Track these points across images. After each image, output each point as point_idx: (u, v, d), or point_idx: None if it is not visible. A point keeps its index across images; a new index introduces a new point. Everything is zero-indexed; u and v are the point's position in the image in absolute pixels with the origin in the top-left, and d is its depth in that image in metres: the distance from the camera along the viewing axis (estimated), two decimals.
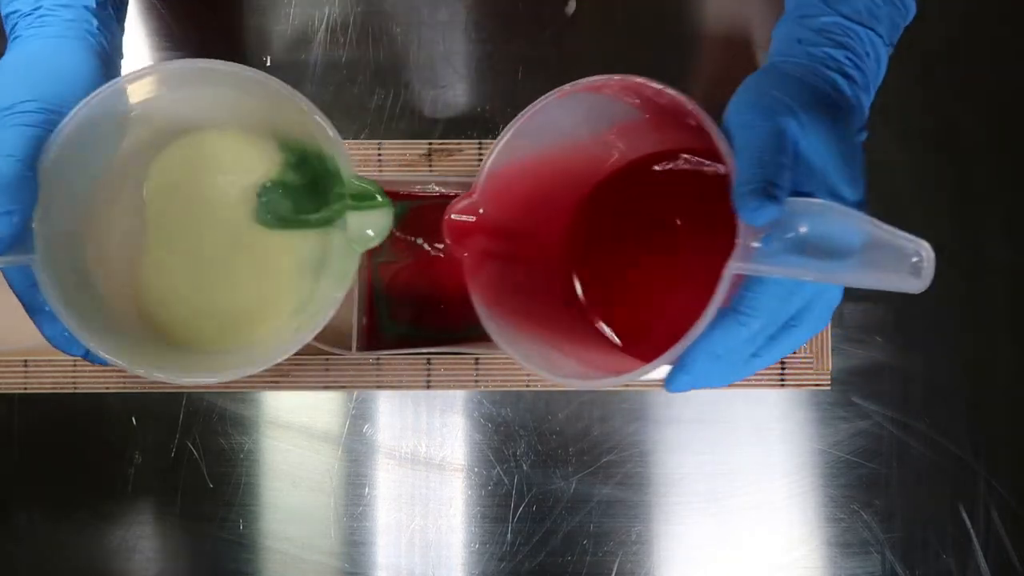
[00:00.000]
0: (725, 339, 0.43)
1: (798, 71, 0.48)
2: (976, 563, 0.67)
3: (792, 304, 0.44)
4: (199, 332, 0.55)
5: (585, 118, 0.53)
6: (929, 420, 0.67)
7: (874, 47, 0.50)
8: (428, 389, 0.64)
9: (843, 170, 0.44)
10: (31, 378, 0.63)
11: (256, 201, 0.56)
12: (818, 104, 0.46)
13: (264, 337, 0.55)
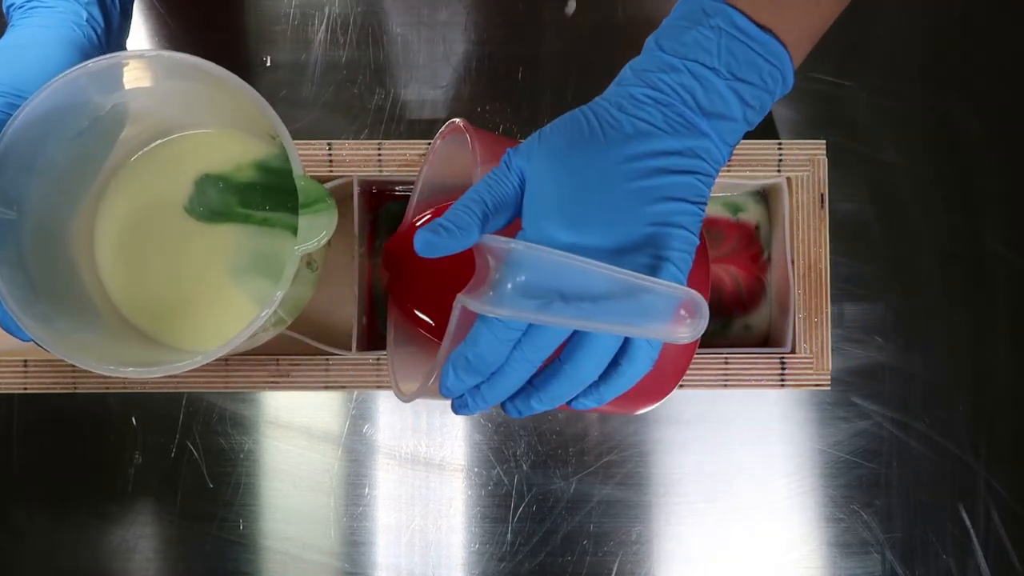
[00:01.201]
0: (456, 370, 0.43)
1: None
2: (976, 563, 0.67)
3: (535, 344, 0.43)
4: (161, 327, 0.57)
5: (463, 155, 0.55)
6: (929, 420, 0.67)
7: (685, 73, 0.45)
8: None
9: (562, 208, 0.42)
10: (31, 378, 0.63)
11: (192, 192, 0.57)
12: (570, 131, 0.44)
13: (220, 335, 0.55)
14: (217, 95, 0.53)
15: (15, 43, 0.52)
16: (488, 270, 0.43)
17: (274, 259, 0.57)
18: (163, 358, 0.53)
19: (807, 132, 0.66)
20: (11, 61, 0.51)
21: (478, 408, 0.45)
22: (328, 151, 0.63)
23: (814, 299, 0.62)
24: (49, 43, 0.52)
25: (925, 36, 0.69)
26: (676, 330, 0.40)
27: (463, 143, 0.51)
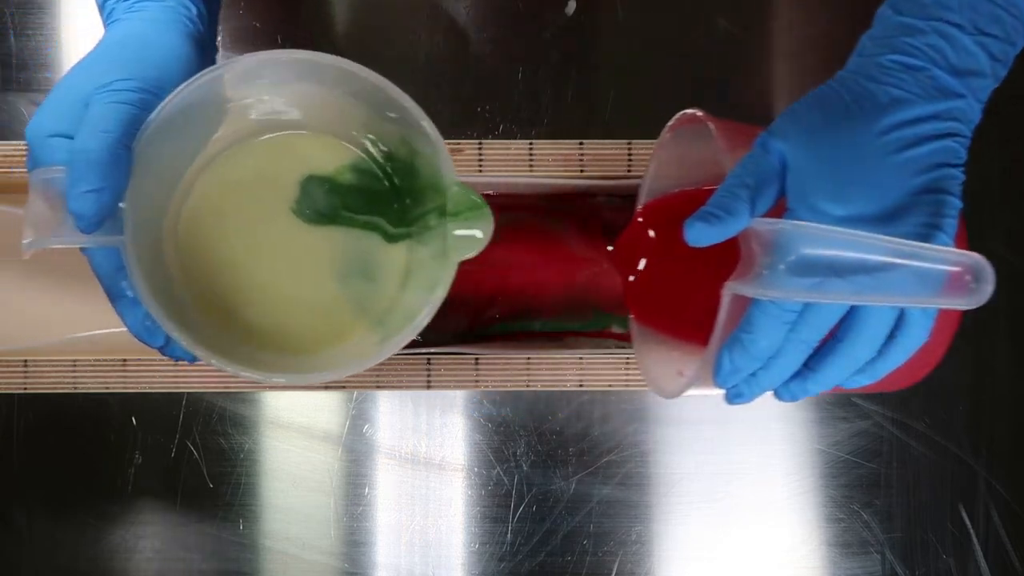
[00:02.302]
0: (732, 360, 0.44)
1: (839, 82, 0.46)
2: (976, 563, 0.67)
3: (811, 324, 0.43)
4: (264, 336, 0.54)
5: (686, 149, 0.55)
6: (929, 420, 0.67)
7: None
8: (428, 389, 0.64)
9: (829, 183, 0.42)
10: (31, 378, 0.63)
11: (298, 194, 0.54)
12: (824, 107, 0.44)
13: (343, 346, 0.53)
14: (324, 97, 0.51)
15: (133, 36, 0.49)
16: (755, 254, 0.43)
17: (374, 264, 0.56)
18: (276, 361, 0.51)
19: None
20: (138, 55, 0.48)
21: (753, 396, 0.45)
22: None
23: None
24: (170, 36, 0.49)
25: None
26: (959, 296, 0.40)
27: (692, 134, 0.52)
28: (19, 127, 0.68)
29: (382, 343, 0.49)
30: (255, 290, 0.54)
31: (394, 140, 0.53)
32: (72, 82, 0.46)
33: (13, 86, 0.68)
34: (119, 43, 0.48)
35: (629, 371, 0.60)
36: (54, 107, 0.45)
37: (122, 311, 0.47)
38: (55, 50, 0.69)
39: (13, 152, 0.63)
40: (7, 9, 0.69)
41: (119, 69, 0.46)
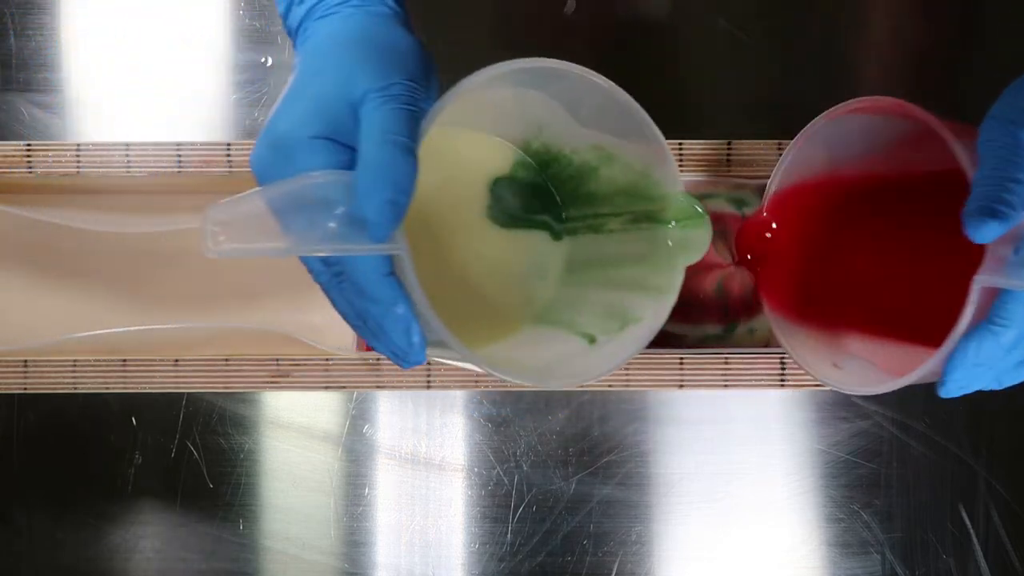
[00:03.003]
0: (979, 350, 0.43)
1: None
2: (976, 563, 0.67)
3: None
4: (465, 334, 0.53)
5: (849, 138, 0.55)
6: (929, 420, 0.67)
7: None
8: (428, 389, 0.64)
9: None
10: (31, 378, 0.63)
11: (489, 198, 0.54)
12: None
13: (508, 341, 0.53)
14: (506, 98, 0.51)
15: (364, 33, 0.46)
16: (1002, 246, 0.43)
17: (544, 261, 0.56)
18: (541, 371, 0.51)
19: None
20: (383, 53, 0.44)
21: (975, 388, 0.45)
22: None
23: None
24: (394, 29, 0.47)
25: (923, 46, 0.69)
26: None
27: (847, 124, 0.52)
28: (19, 127, 0.68)
29: (624, 345, 0.49)
30: (451, 290, 0.53)
31: (577, 143, 0.53)
32: (317, 83, 0.43)
33: (13, 86, 0.68)
34: (355, 42, 0.45)
35: (629, 371, 0.60)
36: (308, 109, 0.43)
37: (389, 324, 0.44)
38: (55, 50, 0.69)
39: (13, 152, 0.63)
40: (7, 9, 0.69)
41: (380, 69, 0.43)
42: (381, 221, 0.41)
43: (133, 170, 0.63)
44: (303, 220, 0.41)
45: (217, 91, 0.69)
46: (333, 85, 0.43)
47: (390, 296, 0.43)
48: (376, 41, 0.45)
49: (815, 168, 0.57)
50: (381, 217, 0.41)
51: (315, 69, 0.44)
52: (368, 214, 0.41)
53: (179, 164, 0.63)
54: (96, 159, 0.63)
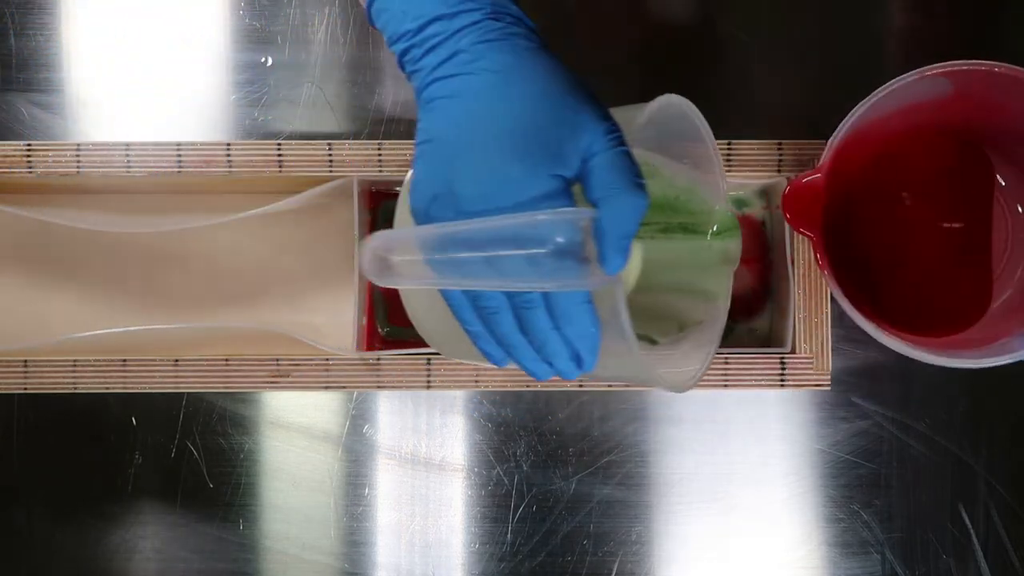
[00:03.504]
0: None
1: None
2: (976, 563, 0.67)
3: None
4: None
5: (909, 94, 0.58)
6: (929, 420, 0.67)
7: None
8: (428, 389, 0.64)
9: None
10: (31, 378, 0.63)
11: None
12: None
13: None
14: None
15: (550, 71, 0.45)
16: None
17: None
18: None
19: (807, 132, 0.66)
20: (576, 90, 0.45)
21: None
22: (328, 151, 0.63)
23: (814, 299, 0.62)
24: (556, 64, 0.46)
25: (923, 46, 0.69)
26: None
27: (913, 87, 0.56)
28: (19, 127, 0.68)
29: (701, 344, 0.52)
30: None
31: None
32: (538, 126, 0.44)
33: (13, 86, 0.68)
34: (570, 85, 0.45)
35: None
36: (539, 152, 0.43)
37: (581, 346, 0.46)
38: (55, 50, 0.69)
39: (13, 152, 0.63)
40: (7, 9, 0.69)
41: (598, 112, 0.44)
42: (619, 258, 0.43)
43: (133, 170, 0.63)
44: (517, 258, 0.43)
45: (217, 91, 0.69)
46: (555, 125, 0.44)
47: (590, 320, 0.45)
48: (573, 81, 0.45)
49: (881, 127, 0.59)
50: (621, 254, 0.42)
51: (516, 109, 0.44)
52: (607, 251, 0.42)
53: (179, 164, 0.63)
54: (96, 159, 0.63)
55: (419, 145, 0.46)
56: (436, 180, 0.44)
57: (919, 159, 0.64)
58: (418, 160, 0.46)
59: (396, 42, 0.47)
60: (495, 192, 0.43)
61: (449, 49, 0.45)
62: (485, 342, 0.46)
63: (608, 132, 0.44)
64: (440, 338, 0.54)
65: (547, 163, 0.43)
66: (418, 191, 0.45)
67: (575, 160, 0.44)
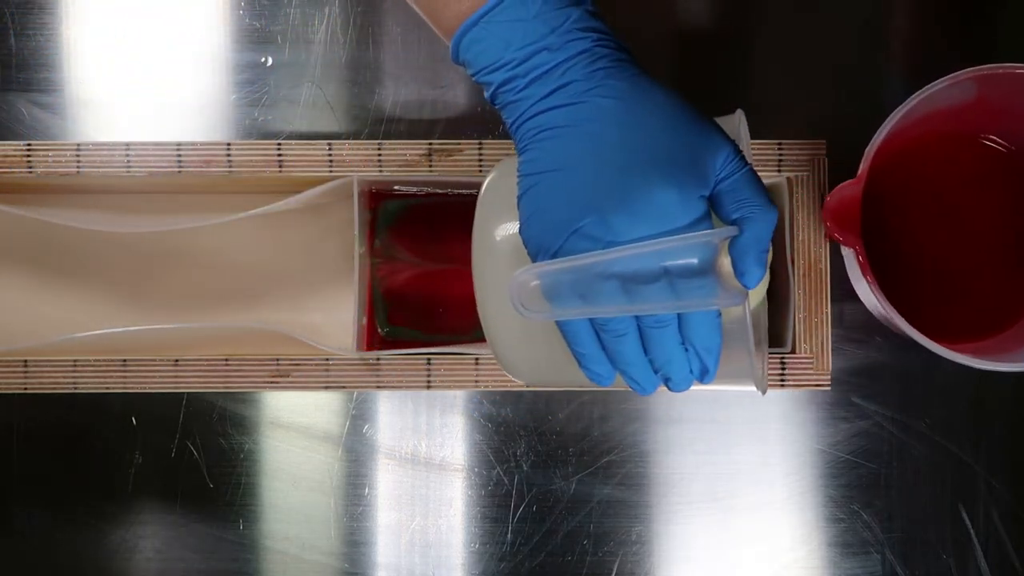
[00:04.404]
0: None
1: None
2: (976, 563, 0.67)
3: None
4: None
5: (936, 99, 0.57)
6: (929, 420, 0.67)
7: None
8: (428, 389, 0.64)
9: None
10: (31, 378, 0.63)
11: None
12: None
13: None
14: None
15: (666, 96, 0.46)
16: None
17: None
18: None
19: (807, 132, 0.66)
20: (697, 113, 0.46)
21: None
22: (328, 151, 0.63)
23: (814, 299, 0.62)
24: (654, 84, 0.47)
25: (923, 46, 0.69)
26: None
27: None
28: (19, 127, 0.68)
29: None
30: None
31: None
32: (679, 150, 0.44)
33: (13, 86, 0.68)
34: (684, 110, 0.46)
35: None
36: (689, 176, 0.44)
37: (709, 361, 0.47)
38: (55, 50, 0.69)
39: (13, 152, 0.63)
40: (7, 9, 0.69)
41: (719, 132, 0.46)
42: (761, 272, 0.45)
43: (133, 170, 0.63)
44: (660, 282, 0.44)
45: (217, 91, 0.69)
46: (694, 149, 0.44)
47: (718, 334, 0.46)
48: (689, 103, 0.46)
49: (906, 133, 0.59)
50: (762, 268, 0.45)
51: (654, 135, 0.45)
52: (750, 266, 0.44)
53: (179, 164, 0.63)
54: (96, 159, 0.63)
55: (535, 175, 0.45)
56: (574, 211, 0.44)
57: (944, 164, 0.64)
58: (535, 191, 0.45)
59: (493, 72, 0.46)
60: (652, 219, 0.43)
61: (559, 79, 0.45)
62: (597, 363, 0.47)
63: (736, 151, 0.45)
64: (531, 363, 0.53)
65: (696, 186, 0.44)
66: (547, 223, 0.44)
67: (713, 180, 0.45)
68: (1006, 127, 0.62)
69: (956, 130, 0.63)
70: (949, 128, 0.63)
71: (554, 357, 0.50)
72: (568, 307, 0.45)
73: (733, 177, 0.45)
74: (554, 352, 0.49)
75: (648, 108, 0.45)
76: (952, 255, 0.64)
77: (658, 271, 0.44)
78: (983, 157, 0.64)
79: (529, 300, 0.45)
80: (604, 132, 0.44)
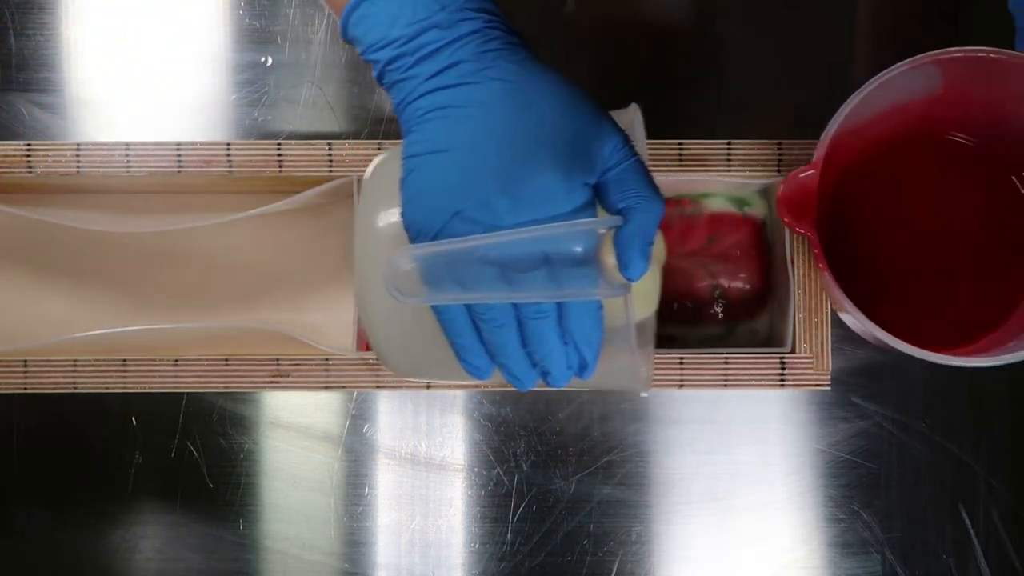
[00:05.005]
0: None
1: None
2: (976, 563, 0.67)
3: None
4: None
5: (899, 88, 0.56)
6: (929, 420, 0.67)
7: None
8: (428, 389, 0.64)
9: None
10: (31, 378, 0.63)
11: None
12: None
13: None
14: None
15: (557, 82, 0.45)
16: None
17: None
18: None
19: (810, 132, 0.66)
20: (591, 100, 0.45)
21: None
22: (328, 151, 0.63)
23: (814, 299, 0.62)
24: (542, 68, 0.46)
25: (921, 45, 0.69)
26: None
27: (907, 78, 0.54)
28: (19, 127, 0.68)
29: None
30: None
31: None
32: (568, 136, 0.44)
33: (13, 86, 0.69)
34: (575, 96, 0.45)
35: None
36: (575, 162, 0.43)
37: (587, 354, 0.46)
38: (55, 50, 0.69)
39: (13, 152, 0.63)
40: (7, 9, 0.69)
41: (611, 122, 0.45)
42: (644, 264, 0.43)
43: (133, 170, 0.63)
44: (540, 270, 0.43)
45: (217, 91, 0.69)
46: (582, 135, 0.44)
47: (599, 328, 0.45)
48: (582, 90, 0.45)
49: (867, 115, 0.57)
50: (646, 260, 0.43)
51: (542, 119, 0.44)
52: (634, 257, 0.43)
53: (179, 164, 0.63)
54: (96, 159, 0.63)
55: (419, 157, 0.44)
56: (456, 194, 0.43)
57: (916, 161, 0.63)
58: (419, 172, 0.44)
59: (380, 49, 0.45)
60: (535, 204, 0.42)
61: (449, 58, 0.44)
62: (474, 355, 0.46)
63: (626, 140, 0.44)
64: (409, 355, 0.51)
65: (580, 172, 0.43)
66: (429, 205, 0.43)
67: (599, 169, 0.44)
68: (971, 118, 0.60)
69: (926, 128, 0.62)
70: (919, 127, 0.62)
71: (432, 350, 0.48)
72: (445, 293, 0.43)
73: (620, 167, 0.44)
74: (432, 344, 0.47)
75: (537, 92, 0.44)
76: (928, 257, 0.63)
77: (539, 259, 0.42)
78: (952, 154, 0.63)
79: (404, 284, 0.43)
80: (491, 114, 0.43)
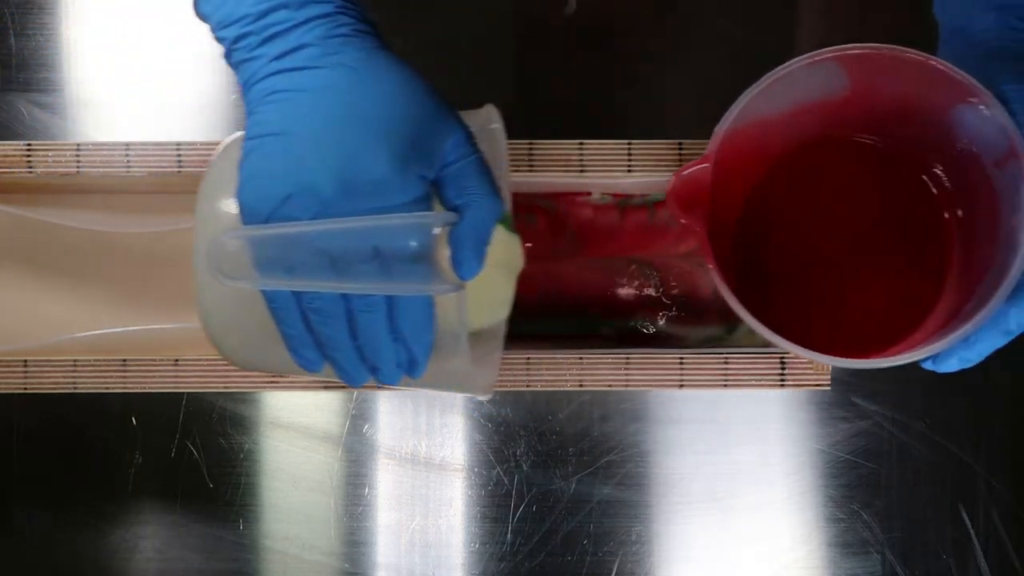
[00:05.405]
0: (1020, 315, 0.46)
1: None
2: (976, 563, 0.67)
3: None
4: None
5: (806, 87, 0.55)
6: (929, 420, 0.67)
7: None
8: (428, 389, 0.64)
9: None
10: (31, 378, 0.63)
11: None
12: None
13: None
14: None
15: (405, 75, 0.44)
16: None
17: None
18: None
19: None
20: (436, 94, 0.44)
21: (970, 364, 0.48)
22: None
23: None
24: (396, 62, 0.45)
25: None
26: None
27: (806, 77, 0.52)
28: (19, 127, 0.68)
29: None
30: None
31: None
32: (405, 127, 0.43)
33: (13, 86, 0.69)
34: (422, 91, 0.44)
35: (629, 371, 0.60)
36: (410, 153, 0.43)
37: (417, 350, 0.46)
38: (55, 50, 0.69)
39: (13, 152, 0.63)
40: (7, 9, 0.69)
41: (454, 116, 0.45)
42: (478, 264, 0.43)
43: (133, 170, 0.63)
44: (372, 262, 0.42)
45: (217, 91, 0.69)
46: (421, 128, 0.43)
47: (430, 326, 0.45)
48: (427, 83, 0.45)
49: (774, 114, 0.56)
50: (480, 260, 0.43)
51: (381, 108, 0.43)
52: (467, 256, 0.43)
53: (179, 164, 0.63)
54: (96, 159, 0.63)
55: (257, 139, 0.43)
56: (288, 178, 0.42)
57: (835, 162, 0.60)
58: (255, 154, 0.43)
59: (228, 26, 0.44)
60: (368, 193, 0.42)
61: (294, 40, 0.43)
62: (304, 346, 0.45)
63: (468, 137, 0.44)
64: (243, 344, 0.51)
65: (417, 165, 0.43)
66: (261, 188, 0.43)
67: (438, 163, 0.43)
68: (879, 118, 0.58)
69: (838, 129, 0.59)
70: (833, 127, 0.59)
71: (267, 341, 0.47)
72: (271, 279, 0.43)
73: (460, 163, 0.44)
74: (265, 334, 0.47)
75: (381, 82, 0.43)
76: (849, 260, 0.60)
77: (370, 250, 0.42)
78: (867, 155, 0.60)
79: (230, 266, 0.43)
80: (332, 100, 0.43)
